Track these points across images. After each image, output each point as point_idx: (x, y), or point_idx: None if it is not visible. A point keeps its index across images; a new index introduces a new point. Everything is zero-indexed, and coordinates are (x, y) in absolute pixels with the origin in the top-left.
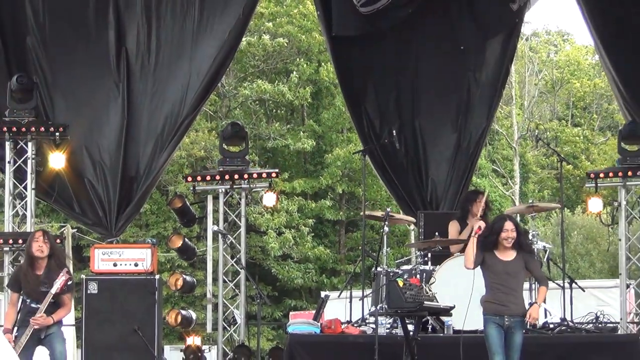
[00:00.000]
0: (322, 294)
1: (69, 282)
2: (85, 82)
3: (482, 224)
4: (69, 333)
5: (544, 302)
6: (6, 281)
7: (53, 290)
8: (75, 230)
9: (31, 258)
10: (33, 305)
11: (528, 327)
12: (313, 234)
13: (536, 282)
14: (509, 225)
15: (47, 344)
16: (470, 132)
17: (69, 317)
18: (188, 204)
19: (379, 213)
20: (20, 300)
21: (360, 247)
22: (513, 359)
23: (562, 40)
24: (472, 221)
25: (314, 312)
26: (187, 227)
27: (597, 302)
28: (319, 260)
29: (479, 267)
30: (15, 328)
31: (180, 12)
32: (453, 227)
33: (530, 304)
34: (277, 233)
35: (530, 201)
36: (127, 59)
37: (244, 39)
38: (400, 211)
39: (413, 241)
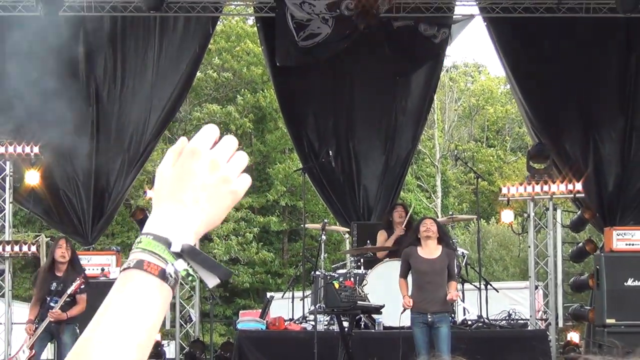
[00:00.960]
0: (268, 295)
1: (82, 286)
2: (61, 106)
3: (411, 303)
4: None
5: (462, 300)
6: None
7: (69, 291)
8: (49, 239)
9: (53, 262)
10: (52, 303)
11: (450, 321)
12: (261, 243)
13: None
14: (427, 221)
15: (57, 338)
16: (397, 154)
17: None
18: (149, 215)
19: (317, 225)
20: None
21: (301, 254)
22: (443, 350)
23: (477, 72)
24: (397, 230)
25: (260, 310)
26: None
27: (509, 301)
28: (265, 265)
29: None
30: (37, 320)
31: (142, 46)
32: (381, 236)
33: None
34: (225, 239)
35: (450, 213)
36: (96, 84)
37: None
38: (337, 222)
39: (347, 248)
